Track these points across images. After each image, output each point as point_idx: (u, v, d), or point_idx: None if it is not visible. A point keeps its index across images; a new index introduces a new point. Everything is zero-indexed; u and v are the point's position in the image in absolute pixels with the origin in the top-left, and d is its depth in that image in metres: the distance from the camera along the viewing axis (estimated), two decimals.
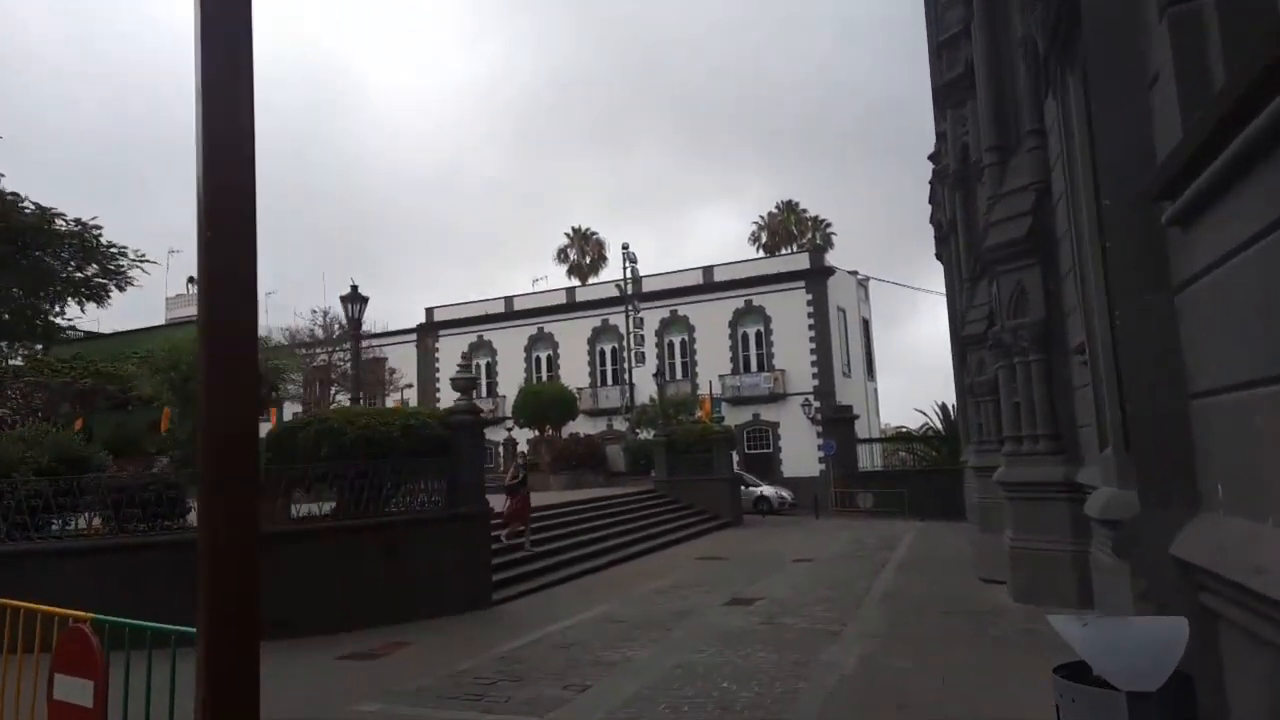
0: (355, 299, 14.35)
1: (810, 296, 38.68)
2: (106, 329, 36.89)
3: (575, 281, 53.68)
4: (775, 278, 39.41)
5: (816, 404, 37.72)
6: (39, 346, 26.96)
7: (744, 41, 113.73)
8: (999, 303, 11.99)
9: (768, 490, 31.29)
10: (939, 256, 29.73)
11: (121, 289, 21.36)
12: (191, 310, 52.56)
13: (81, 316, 24.37)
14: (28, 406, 23.47)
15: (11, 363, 25.98)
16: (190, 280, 58.71)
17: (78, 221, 19.33)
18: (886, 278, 77.63)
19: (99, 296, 21.12)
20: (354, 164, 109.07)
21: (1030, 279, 11.34)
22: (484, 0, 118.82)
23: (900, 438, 41.24)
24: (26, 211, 17.94)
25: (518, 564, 14.91)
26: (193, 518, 12.01)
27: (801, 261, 40.62)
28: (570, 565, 15.97)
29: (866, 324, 46.00)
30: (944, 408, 38.39)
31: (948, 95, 21.75)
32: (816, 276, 38.94)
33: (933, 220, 30.74)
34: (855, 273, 43.59)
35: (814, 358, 38.25)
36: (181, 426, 11.44)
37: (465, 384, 13.07)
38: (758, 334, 39.99)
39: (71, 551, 10.06)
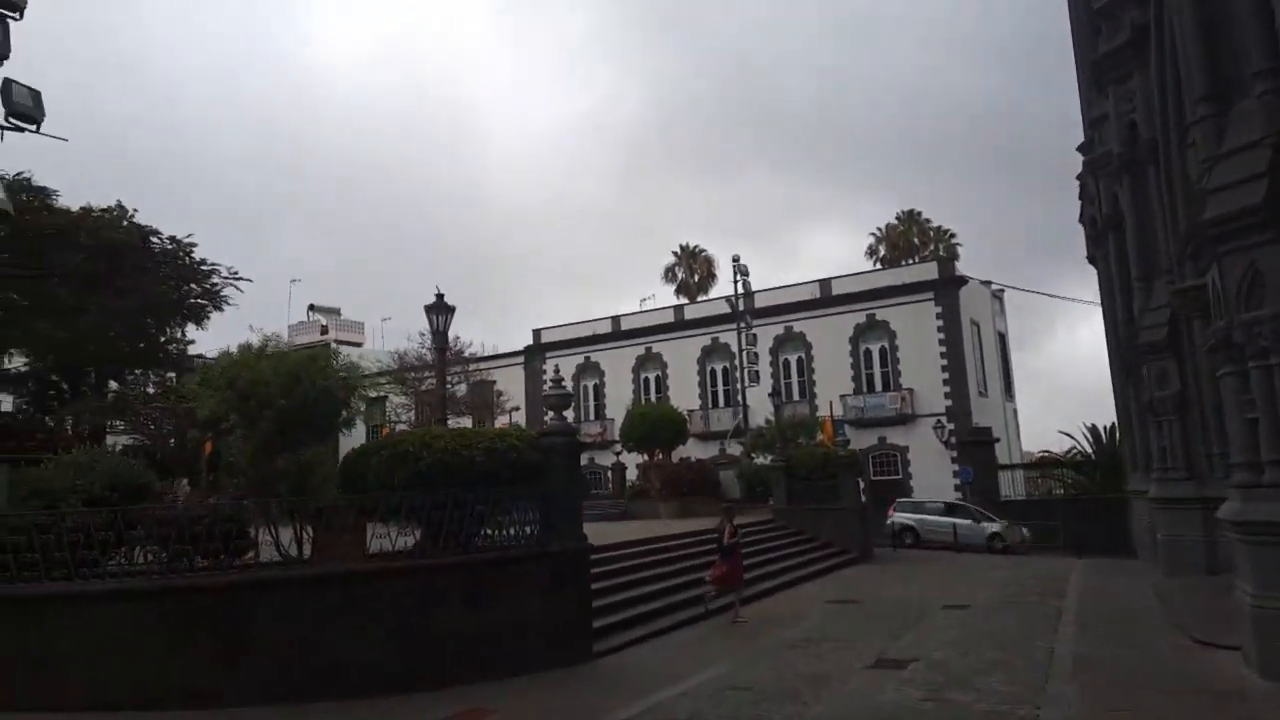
0: (440, 309, 12.94)
1: (940, 309, 35.58)
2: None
3: (683, 300, 51.94)
4: (900, 289, 36.50)
5: (950, 426, 34.52)
6: (170, 374, 27.08)
7: (849, 57, 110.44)
8: (1222, 292, 9.41)
9: (995, 528, 27.84)
10: (1091, 259, 26.42)
11: (220, 309, 20.93)
12: (313, 336, 53.78)
13: (193, 341, 24.29)
14: (159, 432, 23.39)
15: (146, 390, 26.12)
16: (311, 307, 60.51)
17: (172, 239, 19.01)
18: (1021, 287, 72.31)
19: (198, 317, 20.76)
20: (469, 194, 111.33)
21: (1269, 259, 8.77)
22: (592, 35, 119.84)
23: (1046, 463, 37.37)
24: (120, 227, 17.63)
25: (620, 607, 13.03)
26: (264, 553, 10.79)
27: (929, 271, 37.57)
28: (682, 609, 13.98)
29: (1003, 338, 42.31)
30: (1093, 430, 34.55)
31: (1108, 69, 18.92)
32: (947, 287, 35.82)
33: (1083, 219, 27.43)
34: (989, 283, 40.11)
35: (946, 375, 35.08)
36: (242, 450, 10.19)
37: (558, 401, 11.38)
38: (882, 350, 37.10)
39: (115, 595, 8.81)
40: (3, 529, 8.70)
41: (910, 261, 47.56)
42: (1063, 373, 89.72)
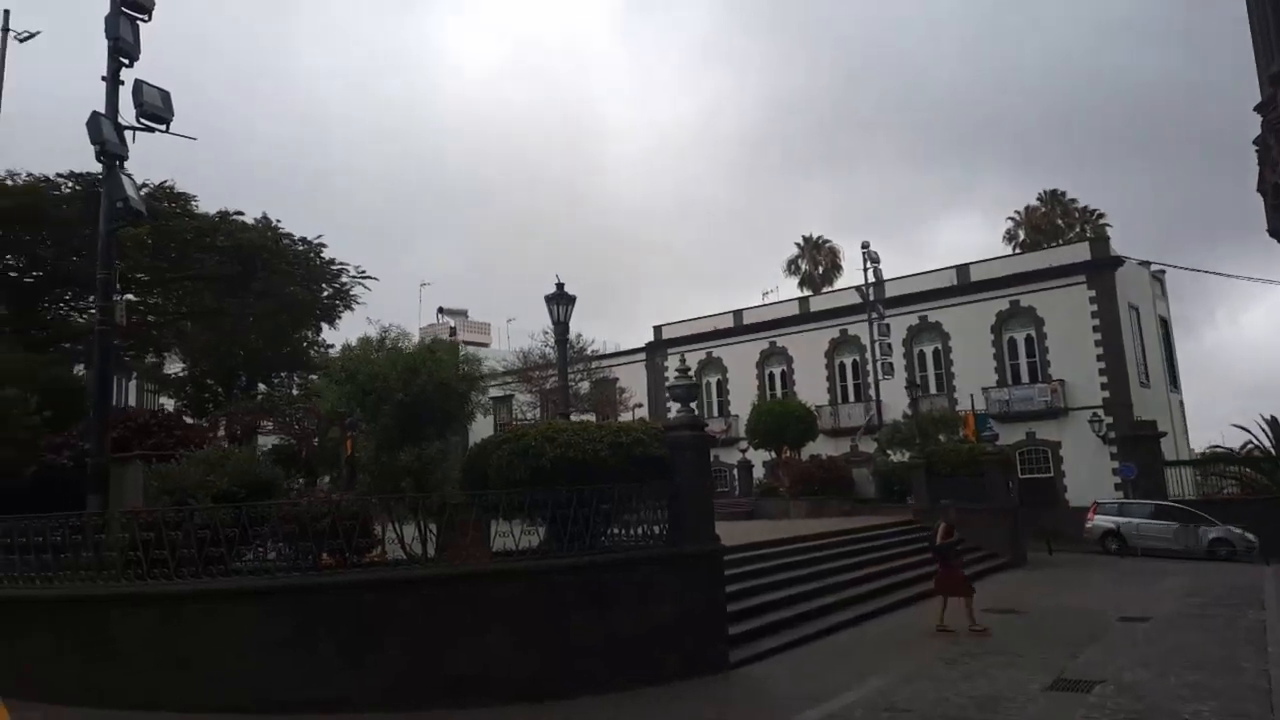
0: (561, 299, 12.41)
1: (1093, 293, 32.72)
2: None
3: (807, 293, 50.27)
4: (1048, 273, 33.77)
5: (1108, 420, 31.69)
6: (312, 376, 28.06)
7: (981, 41, 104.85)
8: None
9: (1218, 532, 25.31)
10: (1273, 231, 23.59)
11: (350, 308, 21.29)
12: (442, 338, 55.26)
13: (333, 345, 24.96)
14: (302, 432, 24.22)
15: (291, 391, 27.13)
16: (440, 310, 62.21)
17: (303, 240, 19.43)
18: (1185, 266, 66.32)
19: (330, 317, 21.19)
20: (592, 195, 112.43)
21: None
22: (711, 34, 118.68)
23: (1219, 459, 33.82)
24: (254, 228, 18.11)
25: (756, 612, 12.14)
26: (389, 551, 10.52)
27: (1080, 252, 34.66)
28: (821, 615, 12.95)
29: (1165, 324, 38.70)
30: (1273, 422, 30.93)
31: None
32: (1101, 269, 32.90)
33: (1262, 187, 24.48)
34: (1148, 263, 36.71)
35: (1102, 365, 32.24)
36: (365, 445, 9.92)
37: (684, 393, 10.59)
38: (1028, 339, 34.51)
39: (239, 594, 8.63)
40: (134, 525, 8.67)
41: (1055, 244, 44.25)
42: (1226, 361, 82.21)
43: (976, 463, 23.22)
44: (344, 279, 20.98)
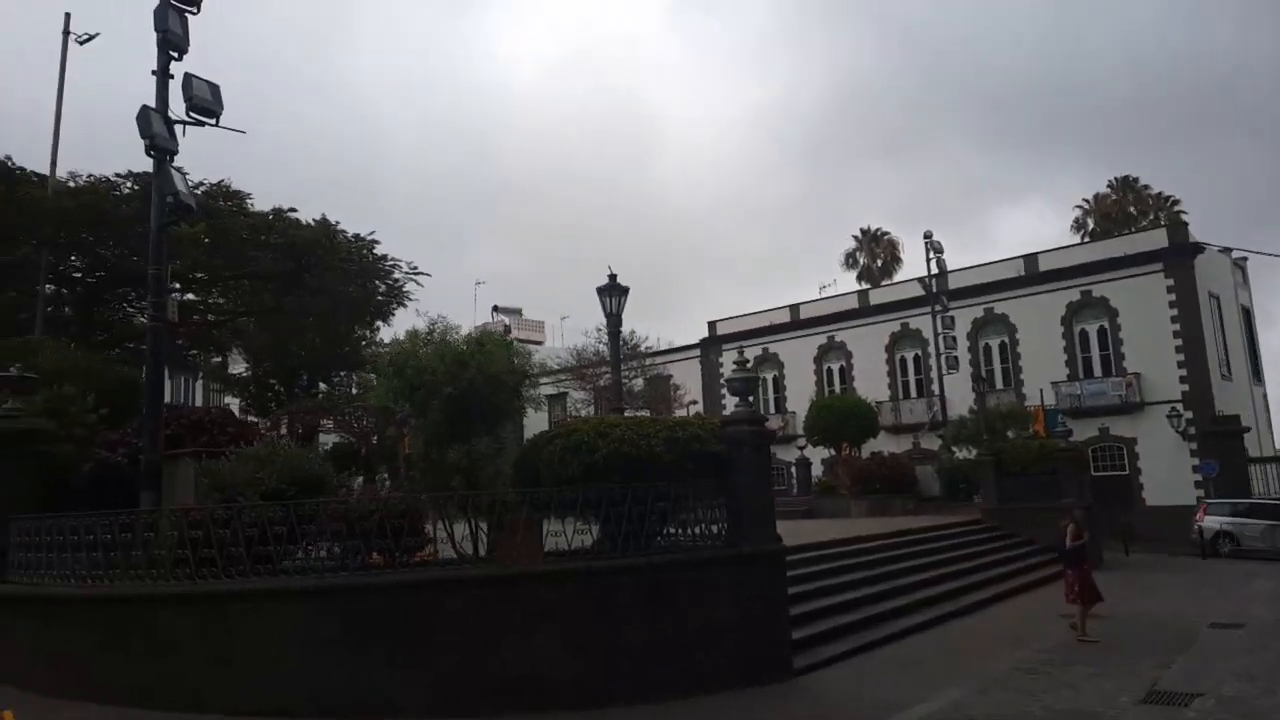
0: (614, 290, 12.01)
1: (1171, 281, 31.14)
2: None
3: (865, 286, 49.11)
4: (1121, 262, 32.22)
5: (1187, 414, 30.17)
6: (372, 375, 28.24)
7: (1047, 24, 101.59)
8: None
9: None
10: None
11: (403, 304, 21.26)
12: (492, 330, 55.47)
13: (384, 345, 25.02)
14: (361, 430, 24.37)
15: (350, 390, 27.35)
16: (495, 309, 62.56)
17: (356, 236, 19.41)
18: (1270, 253, 63.21)
19: (384, 314, 21.19)
20: (648, 193, 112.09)
21: None
22: (772, 24, 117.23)
23: None
24: (307, 225, 18.14)
25: (820, 616, 11.60)
26: (440, 551, 10.25)
27: (1157, 239, 33.05)
28: (889, 620, 12.36)
29: (1247, 314, 36.76)
30: None
31: None
32: (1179, 257, 31.30)
33: None
34: (1228, 250, 34.89)
35: (1180, 357, 30.67)
36: (414, 441, 9.67)
37: (743, 386, 10.10)
38: (1100, 331, 33.04)
39: (286, 594, 8.44)
40: (181, 524, 8.54)
41: (1128, 232, 42.45)
42: None
43: (1048, 459, 22.22)
44: (396, 275, 20.98)
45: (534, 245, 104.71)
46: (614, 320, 12.25)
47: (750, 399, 10.12)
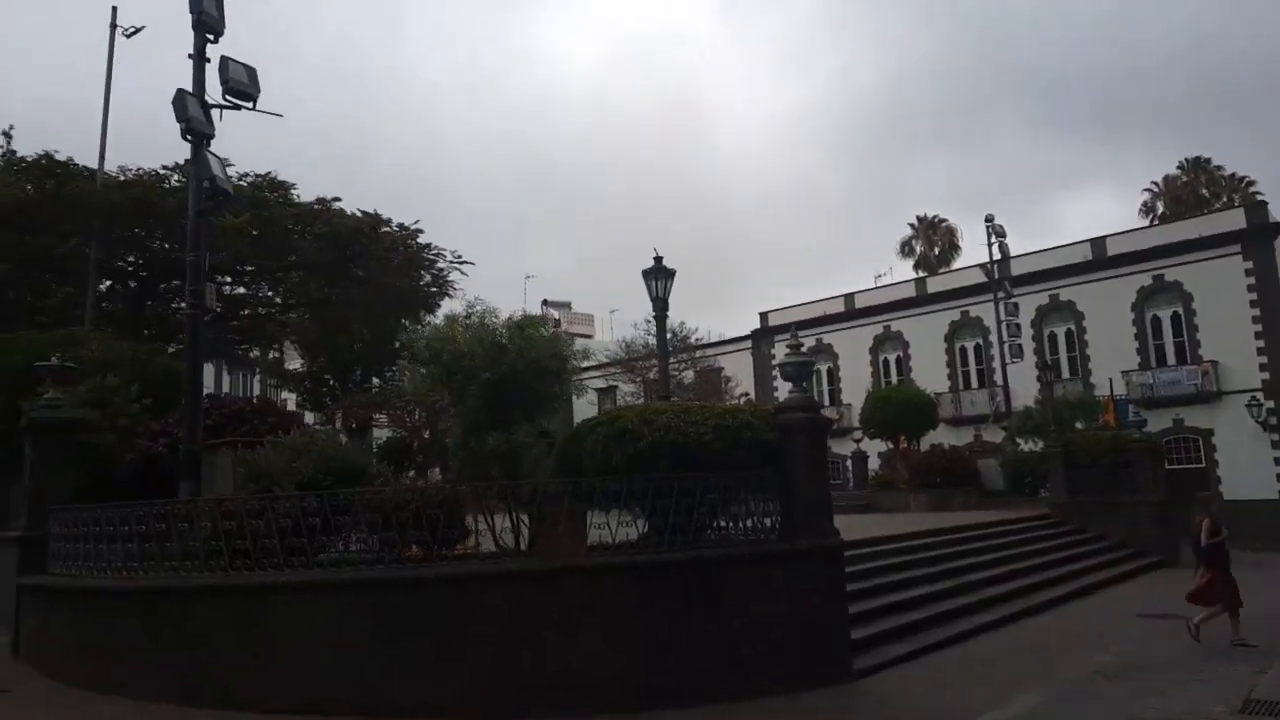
0: (659, 273, 11.48)
1: (1250, 264, 29.48)
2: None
3: (922, 274, 47.76)
4: (1196, 244, 30.60)
5: (1269, 404, 28.55)
6: (422, 370, 28.20)
7: (1108, 6, 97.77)
8: None
9: None
10: None
11: (449, 295, 21.05)
12: (534, 315, 55.55)
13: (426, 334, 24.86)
14: (414, 423, 24.36)
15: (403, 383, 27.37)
16: (544, 303, 62.61)
17: (400, 226, 19.24)
18: None
19: (430, 305, 20.99)
20: (700, 186, 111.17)
21: None
22: (821, 12, 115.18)
23: None
24: (350, 215, 17.99)
25: (878, 615, 10.97)
26: (480, 543, 9.89)
27: (1234, 220, 31.34)
28: (953, 619, 11.65)
29: None
30: None
31: None
32: (1258, 238, 29.59)
33: None
34: None
35: (1261, 344, 29.02)
36: (452, 429, 9.30)
37: (797, 370, 9.51)
38: (1174, 317, 31.48)
39: (317, 586, 8.14)
40: (215, 514, 8.31)
41: (1201, 214, 40.47)
42: None
43: (1121, 451, 21.10)
44: (440, 265, 20.77)
45: (585, 241, 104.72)
46: (660, 304, 11.73)
47: (805, 385, 9.52)
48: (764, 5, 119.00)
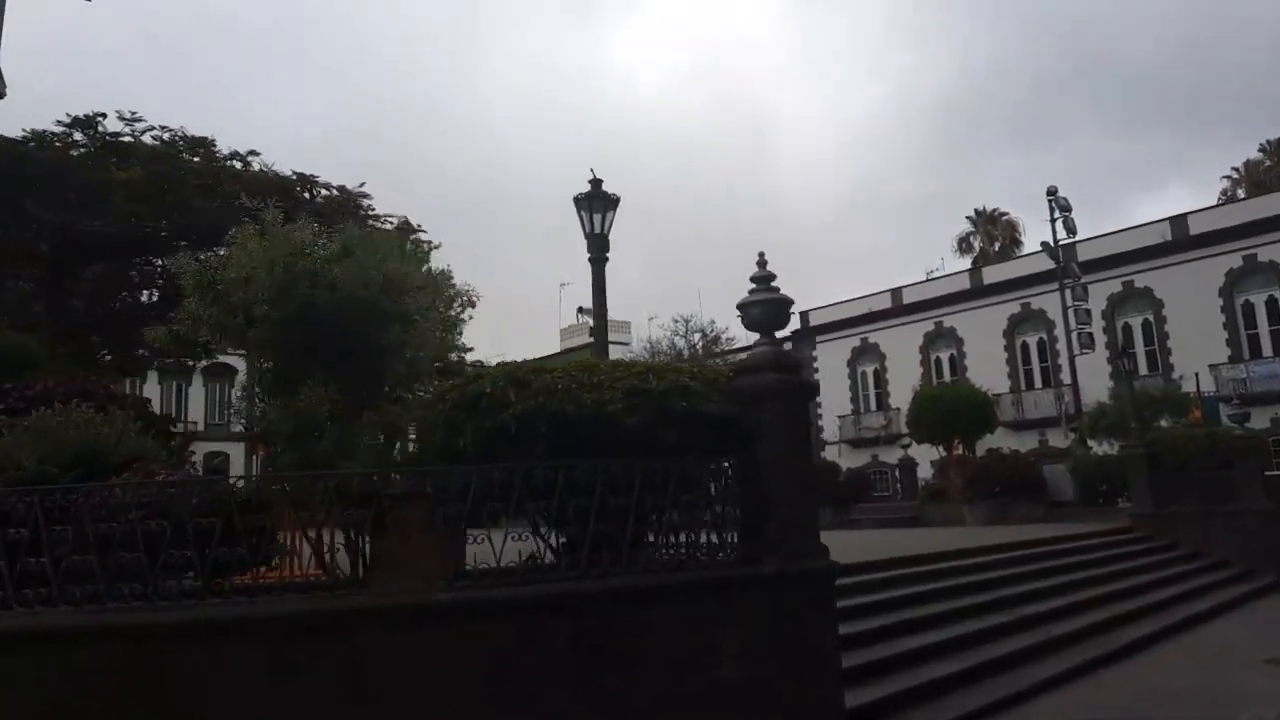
0: (595, 200, 8.45)
1: None
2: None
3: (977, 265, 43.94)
4: None
5: None
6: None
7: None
8: None
9: None
10: None
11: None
12: (582, 338, 52.85)
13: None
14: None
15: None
16: (580, 310, 60.03)
17: (341, 188, 16.70)
18: None
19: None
20: (768, 192, 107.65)
21: None
22: (891, 14, 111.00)
23: None
24: (273, 174, 15.53)
25: (899, 665, 7.89)
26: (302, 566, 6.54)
27: None
28: (1008, 668, 8.50)
29: None
30: None
31: None
32: None
33: None
34: None
35: None
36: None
37: (764, 312, 6.47)
38: (1269, 301, 27.47)
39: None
40: None
41: None
42: None
43: (1219, 451, 17.54)
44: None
45: (652, 248, 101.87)
46: (597, 242, 8.79)
47: (776, 332, 6.54)
48: (831, 8, 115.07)
